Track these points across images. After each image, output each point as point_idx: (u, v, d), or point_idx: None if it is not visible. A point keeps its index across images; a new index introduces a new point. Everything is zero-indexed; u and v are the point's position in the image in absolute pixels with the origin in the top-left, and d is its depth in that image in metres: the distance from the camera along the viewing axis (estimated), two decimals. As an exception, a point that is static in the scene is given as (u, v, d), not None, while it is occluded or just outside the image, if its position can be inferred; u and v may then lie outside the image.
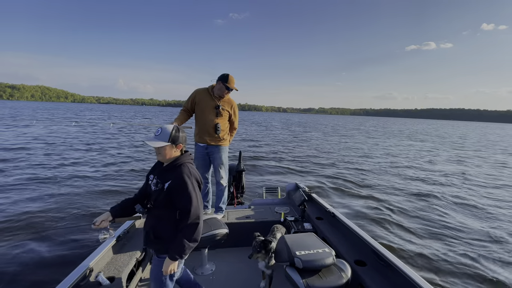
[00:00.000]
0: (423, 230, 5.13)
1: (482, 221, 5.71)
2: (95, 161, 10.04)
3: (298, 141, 20.34)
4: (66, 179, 7.43)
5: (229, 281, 2.71)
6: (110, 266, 2.24)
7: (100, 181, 7.44)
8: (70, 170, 8.50)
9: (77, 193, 6.35)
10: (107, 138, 16.89)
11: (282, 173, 9.49)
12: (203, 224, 2.64)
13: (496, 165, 13.42)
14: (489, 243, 4.71)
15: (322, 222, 3.06)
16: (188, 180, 1.69)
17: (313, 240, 2.17)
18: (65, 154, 10.81)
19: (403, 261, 2.04)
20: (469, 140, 30.59)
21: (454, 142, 26.82)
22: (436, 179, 9.51)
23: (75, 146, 13.07)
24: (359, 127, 49.67)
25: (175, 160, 1.77)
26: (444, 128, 70.63)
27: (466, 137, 35.98)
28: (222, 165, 3.19)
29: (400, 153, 16.15)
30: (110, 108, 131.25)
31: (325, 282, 1.86)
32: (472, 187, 8.72)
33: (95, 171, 8.57)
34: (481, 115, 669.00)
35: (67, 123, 25.10)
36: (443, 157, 15.32)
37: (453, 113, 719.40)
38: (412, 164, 12.34)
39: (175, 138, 1.73)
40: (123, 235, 2.57)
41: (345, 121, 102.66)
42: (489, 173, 11.16)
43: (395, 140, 25.78)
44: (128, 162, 10.20)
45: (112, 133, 19.70)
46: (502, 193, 8.10)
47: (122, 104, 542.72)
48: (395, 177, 9.62)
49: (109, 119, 38.03)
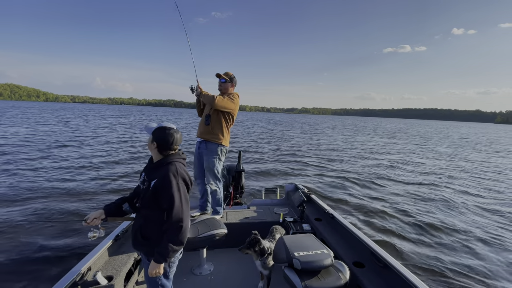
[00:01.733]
0: (421, 231, 5.17)
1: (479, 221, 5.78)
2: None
3: (278, 140, 20.62)
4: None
5: (228, 281, 2.68)
6: (108, 265, 2.23)
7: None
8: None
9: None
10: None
11: (281, 173, 9.52)
12: (202, 224, 2.62)
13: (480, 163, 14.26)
14: (488, 244, 4.76)
15: (321, 223, 3.07)
16: (173, 179, 1.61)
17: (312, 241, 2.16)
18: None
19: (401, 263, 2.06)
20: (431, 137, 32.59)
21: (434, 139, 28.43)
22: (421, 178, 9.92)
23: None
24: (335, 126, 51.68)
25: (164, 158, 1.71)
26: (418, 127, 74.43)
27: (429, 133, 38.36)
28: (208, 167, 3.11)
29: (372, 150, 16.84)
30: (86, 107, 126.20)
31: (323, 283, 1.84)
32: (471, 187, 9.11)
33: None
34: (452, 115, 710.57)
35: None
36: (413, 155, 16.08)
37: (426, 113, 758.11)
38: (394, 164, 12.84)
39: (154, 134, 1.69)
40: (121, 235, 2.53)
41: (326, 120, 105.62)
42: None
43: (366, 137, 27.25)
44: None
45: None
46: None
47: (99, 103, 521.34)
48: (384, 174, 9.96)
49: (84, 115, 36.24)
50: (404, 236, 4.94)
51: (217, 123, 3.06)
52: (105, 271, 2.14)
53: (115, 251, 2.44)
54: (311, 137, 24.74)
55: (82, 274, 1.95)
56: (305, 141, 21.17)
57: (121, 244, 2.56)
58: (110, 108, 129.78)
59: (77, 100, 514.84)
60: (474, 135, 44.67)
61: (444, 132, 47.42)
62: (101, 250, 2.23)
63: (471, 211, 6.45)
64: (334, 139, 23.67)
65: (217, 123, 3.06)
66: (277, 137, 23.08)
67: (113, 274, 2.11)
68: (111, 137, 17.51)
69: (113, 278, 2.08)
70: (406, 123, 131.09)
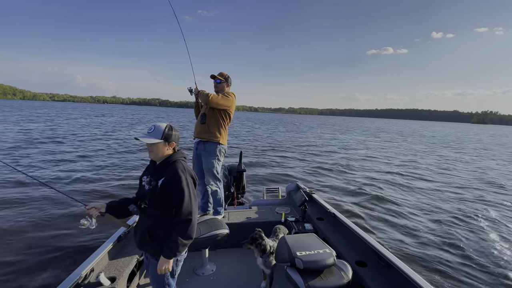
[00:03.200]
0: (424, 230, 5.15)
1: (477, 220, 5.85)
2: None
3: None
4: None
5: (230, 281, 2.68)
6: (111, 266, 2.24)
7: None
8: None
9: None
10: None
11: (282, 173, 9.60)
12: (204, 225, 2.63)
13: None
14: (489, 242, 4.79)
15: (323, 222, 3.08)
16: (182, 174, 1.66)
17: (314, 241, 2.18)
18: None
19: (404, 262, 2.05)
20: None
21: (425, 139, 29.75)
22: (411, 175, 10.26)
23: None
24: (321, 125, 52.72)
25: (168, 158, 1.75)
26: (397, 126, 77.09)
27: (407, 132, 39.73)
28: (207, 168, 3.10)
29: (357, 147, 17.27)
30: (66, 106, 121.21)
31: (326, 282, 1.86)
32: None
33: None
34: (432, 115, 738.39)
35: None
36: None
37: (408, 113, 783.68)
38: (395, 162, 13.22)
39: (168, 136, 1.72)
40: (124, 236, 2.52)
41: (314, 119, 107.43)
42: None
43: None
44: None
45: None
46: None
47: (80, 101, 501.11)
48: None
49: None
50: (407, 235, 4.90)
51: (212, 121, 3.05)
52: (108, 272, 2.14)
53: (118, 252, 2.44)
54: (304, 135, 25.22)
55: (85, 275, 1.95)
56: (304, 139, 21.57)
57: (124, 245, 2.56)
58: (90, 107, 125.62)
59: (56, 99, 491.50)
60: (447, 133, 47.43)
61: (419, 131, 49.63)
62: (104, 251, 2.23)
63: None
64: (320, 138, 24.20)
65: (212, 121, 3.05)
66: (271, 136, 23.65)
67: (116, 275, 2.12)
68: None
69: (116, 279, 2.08)
70: (387, 122, 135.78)
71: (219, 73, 3.16)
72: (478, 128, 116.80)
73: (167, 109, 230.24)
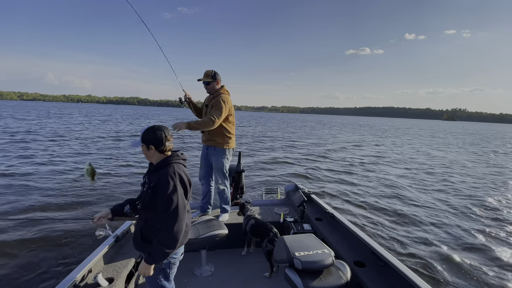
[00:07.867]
0: (422, 230, 5.16)
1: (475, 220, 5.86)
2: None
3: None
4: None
5: (228, 282, 2.67)
6: (109, 267, 2.22)
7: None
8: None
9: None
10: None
11: (282, 173, 9.54)
12: (202, 225, 2.62)
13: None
14: (488, 243, 4.77)
15: (322, 223, 3.07)
16: (170, 181, 1.60)
17: (313, 241, 2.18)
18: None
19: (402, 262, 2.06)
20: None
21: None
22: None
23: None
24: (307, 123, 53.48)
25: (162, 160, 1.71)
26: (379, 124, 79.92)
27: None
28: (217, 168, 3.17)
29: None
30: (36, 105, 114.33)
31: (324, 283, 1.86)
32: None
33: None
34: (407, 112, 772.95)
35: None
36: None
37: (385, 111, 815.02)
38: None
39: (145, 140, 1.67)
40: (122, 236, 2.52)
41: (297, 118, 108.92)
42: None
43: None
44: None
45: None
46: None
47: (52, 101, 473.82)
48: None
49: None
50: (405, 235, 4.87)
51: (215, 131, 3.02)
52: (106, 273, 2.13)
53: (116, 252, 2.42)
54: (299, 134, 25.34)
55: (82, 276, 1.94)
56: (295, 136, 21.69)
57: (122, 245, 2.53)
58: (63, 106, 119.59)
59: (25, 98, 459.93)
60: (418, 129, 49.85)
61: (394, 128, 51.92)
62: (102, 252, 2.22)
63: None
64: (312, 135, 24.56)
65: (215, 131, 3.02)
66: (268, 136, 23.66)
67: (114, 276, 2.10)
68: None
69: (114, 280, 2.06)
70: (366, 120, 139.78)
71: (204, 73, 3.04)
72: (450, 125, 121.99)
73: (147, 108, 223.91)
